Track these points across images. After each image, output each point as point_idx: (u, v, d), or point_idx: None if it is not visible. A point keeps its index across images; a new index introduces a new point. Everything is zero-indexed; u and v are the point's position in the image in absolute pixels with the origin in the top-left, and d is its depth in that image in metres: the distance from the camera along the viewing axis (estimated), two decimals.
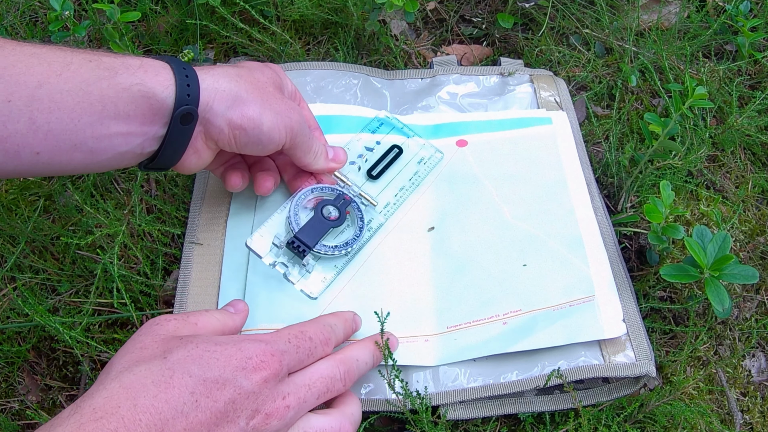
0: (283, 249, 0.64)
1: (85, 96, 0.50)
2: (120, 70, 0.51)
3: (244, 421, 0.46)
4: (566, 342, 0.60)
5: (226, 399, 0.45)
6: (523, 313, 0.62)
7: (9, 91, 0.48)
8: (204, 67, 0.57)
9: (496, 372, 0.61)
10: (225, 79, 0.57)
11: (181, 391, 0.44)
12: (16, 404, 0.63)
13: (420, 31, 0.92)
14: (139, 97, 0.52)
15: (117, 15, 0.75)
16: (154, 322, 0.50)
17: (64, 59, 0.50)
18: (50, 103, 0.49)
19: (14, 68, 0.48)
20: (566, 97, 0.79)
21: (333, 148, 0.69)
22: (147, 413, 0.42)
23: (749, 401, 0.66)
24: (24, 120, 0.49)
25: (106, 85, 0.51)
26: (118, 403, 0.42)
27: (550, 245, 0.67)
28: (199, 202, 0.70)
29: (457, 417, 0.60)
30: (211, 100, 0.55)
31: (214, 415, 0.44)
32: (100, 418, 0.41)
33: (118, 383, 0.44)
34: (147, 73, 0.52)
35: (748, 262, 0.73)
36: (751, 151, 0.82)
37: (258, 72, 0.61)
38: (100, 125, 0.51)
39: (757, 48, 0.90)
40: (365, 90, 0.79)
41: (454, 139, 0.75)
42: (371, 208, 0.69)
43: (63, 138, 0.51)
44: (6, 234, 0.70)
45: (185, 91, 0.53)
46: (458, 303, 0.64)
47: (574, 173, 0.72)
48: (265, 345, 0.49)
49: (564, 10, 0.91)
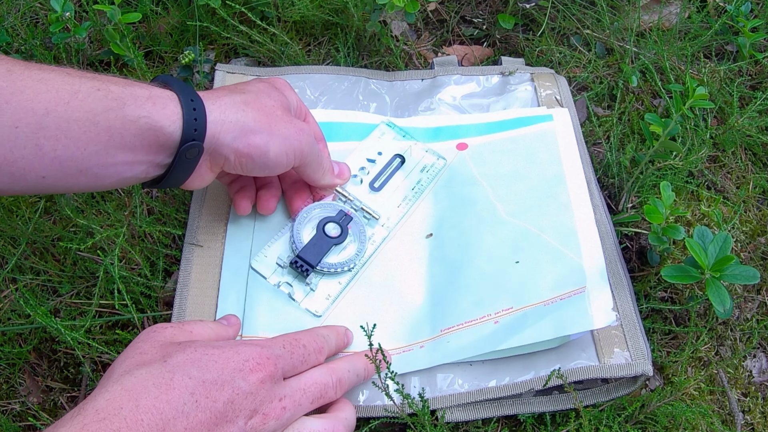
0: (287, 269, 0.65)
1: (92, 126, 0.51)
2: (128, 101, 0.52)
3: (242, 421, 0.47)
4: (554, 335, 0.60)
5: (225, 399, 0.46)
6: (514, 310, 0.62)
7: (17, 117, 0.48)
8: (211, 93, 0.58)
9: (492, 376, 0.61)
10: (232, 110, 0.57)
11: (181, 392, 0.45)
12: (17, 405, 0.63)
13: (421, 31, 0.92)
14: (146, 129, 0.53)
15: (118, 16, 0.75)
16: (151, 330, 0.52)
17: (72, 87, 0.50)
18: (57, 131, 0.49)
19: (22, 94, 0.48)
20: (567, 95, 0.79)
21: (338, 164, 0.69)
22: (149, 413, 0.43)
23: (750, 402, 0.66)
24: (30, 146, 0.49)
25: (113, 116, 0.51)
26: (121, 404, 0.43)
27: (543, 239, 0.66)
28: (199, 204, 0.70)
29: (455, 419, 0.60)
30: (218, 132, 0.56)
31: (214, 414, 0.46)
32: (103, 419, 0.42)
33: (120, 386, 0.45)
34: (155, 106, 0.53)
35: (749, 263, 0.73)
36: (751, 152, 0.82)
37: (265, 96, 0.61)
38: (105, 154, 0.52)
39: (758, 48, 0.90)
40: (366, 93, 0.79)
41: (454, 142, 0.75)
42: (374, 221, 0.69)
43: (69, 164, 0.51)
44: (7, 235, 0.70)
45: (192, 126, 0.54)
46: (452, 305, 0.64)
47: (573, 168, 0.72)
48: (261, 348, 0.51)
49: (564, 11, 0.91)
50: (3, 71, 0.48)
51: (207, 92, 0.58)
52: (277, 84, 0.65)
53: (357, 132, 0.75)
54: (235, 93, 0.59)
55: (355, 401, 0.60)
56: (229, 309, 0.64)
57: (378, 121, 0.77)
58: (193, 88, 0.57)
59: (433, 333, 0.62)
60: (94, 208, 0.71)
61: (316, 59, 0.86)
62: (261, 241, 0.68)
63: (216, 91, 0.59)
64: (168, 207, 0.72)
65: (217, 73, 0.79)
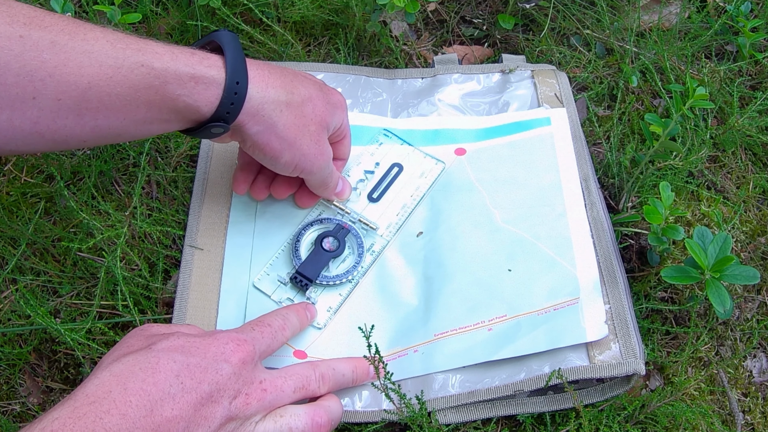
0: (288, 285, 0.66)
1: (133, 101, 0.53)
2: (170, 80, 0.53)
3: (227, 401, 0.50)
4: (548, 347, 0.60)
5: (209, 381, 0.49)
6: (508, 318, 0.62)
7: (60, 90, 0.50)
8: (262, 76, 0.58)
9: (483, 378, 0.61)
10: (270, 106, 0.58)
11: (167, 375, 0.47)
12: (17, 406, 0.63)
13: (420, 32, 0.92)
14: (183, 107, 0.55)
15: (118, 16, 0.75)
16: (139, 328, 0.54)
17: (116, 61, 0.51)
18: (98, 103, 0.51)
19: (65, 67, 0.49)
20: (567, 91, 0.79)
21: (343, 182, 0.70)
22: (137, 395, 0.46)
23: (750, 402, 0.66)
24: (72, 116, 0.51)
25: (153, 92, 0.53)
26: (110, 388, 0.46)
27: (538, 248, 0.67)
28: (198, 206, 0.70)
29: (447, 421, 0.60)
30: (247, 122, 0.58)
31: (200, 396, 0.48)
32: (93, 402, 0.45)
33: (108, 372, 0.47)
34: (197, 86, 0.54)
35: (749, 263, 0.73)
36: (751, 152, 0.82)
37: (310, 107, 0.61)
38: (142, 124, 0.55)
39: (758, 48, 0.90)
40: (366, 92, 0.79)
41: (452, 146, 0.75)
42: (373, 232, 0.69)
43: (107, 132, 0.54)
44: (7, 236, 0.70)
45: (226, 109, 0.56)
46: (446, 310, 0.64)
47: (569, 174, 0.72)
48: (236, 333, 0.54)
49: (565, 11, 0.91)
50: (47, 43, 0.49)
51: (261, 70, 0.59)
52: (332, 98, 0.65)
53: (356, 135, 0.74)
54: (283, 89, 0.60)
55: (353, 406, 0.60)
56: (230, 314, 0.64)
57: (377, 124, 0.77)
58: (244, 59, 0.57)
59: (426, 337, 0.63)
60: (95, 208, 0.72)
61: (316, 59, 0.86)
62: (261, 247, 0.68)
63: (269, 74, 0.59)
64: (168, 207, 0.72)
65: None
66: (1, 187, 0.74)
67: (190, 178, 0.74)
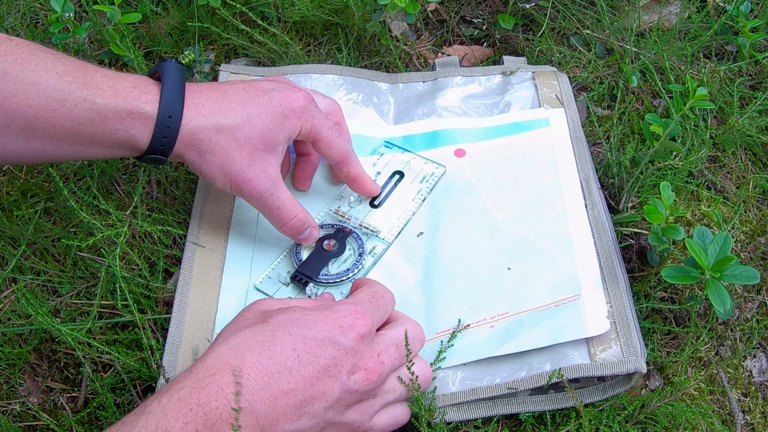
0: (289, 286, 0.66)
1: (77, 133, 0.57)
2: (110, 116, 0.57)
3: (345, 376, 0.50)
4: (550, 343, 0.60)
5: (326, 355, 0.49)
6: (509, 315, 0.63)
7: (9, 118, 0.54)
8: (199, 103, 0.60)
9: (484, 375, 0.60)
10: (201, 134, 0.60)
11: (283, 348, 0.48)
12: (17, 406, 0.63)
13: (421, 32, 0.92)
14: (123, 140, 0.58)
15: (118, 16, 0.75)
16: (254, 303, 0.55)
17: (61, 95, 0.55)
18: (44, 132, 0.56)
19: (15, 98, 0.54)
20: (568, 91, 0.79)
21: (312, 230, 0.66)
22: (254, 368, 0.47)
23: (750, 402, 0.66)
24: (21, 141, 0.56)
25: (95, 127, 0.57)
26: (228, 361, 0.47)
27: (538, 246, 0.67)
28: (201, 204, 0.70)
29: (449, 419, 0.60)
30: (183, 151, 0.60)
31: (316, 369, 0.48)
32: (213, 374, 0.46)
33: (226, 346, 0.49)
34: (133, 122, 0.58)
35: (749, 263, 0.73)
36: (751, 152, 0.82)
37: (246, 128, 0.60)
38: (87, 151, 0.59)
39: (758, 48, 0.90)
40: (367, 97, 0.79)
41: (452, 148, 0.75)
42: (374, 236, 0.69)
43: (56, 156, 0.59)
44: (7, 236, 0.70)
45: (159, 143, 0.59)
46: (447, 308, 0.64)
47: (569, 174, 0.72)
48: (355, 306, 0.53)
49: (564, 11, 0.91)
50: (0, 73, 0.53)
51: (197, 97, 0.60)
52: (286, 107, 0.62)
53: (357, 145, 0.74)
54: (215, 114, 0.60)
55: None
56: (229, 312, 0.64)
57: (378, 134, 0.77)
58: (182, 89, 0.59)
59: (428, 335, 0.63)
60: (94, 208, 0.72)
61: (316, 59, 0.86)
62: (263, 248, 0.68)
63: (205, 100, 0.60)
64: (168, 207, 0.72)
65: (221, 74, 0.79)
66: (1, 187, 0.74)
67: (191, 178, 0.74)
